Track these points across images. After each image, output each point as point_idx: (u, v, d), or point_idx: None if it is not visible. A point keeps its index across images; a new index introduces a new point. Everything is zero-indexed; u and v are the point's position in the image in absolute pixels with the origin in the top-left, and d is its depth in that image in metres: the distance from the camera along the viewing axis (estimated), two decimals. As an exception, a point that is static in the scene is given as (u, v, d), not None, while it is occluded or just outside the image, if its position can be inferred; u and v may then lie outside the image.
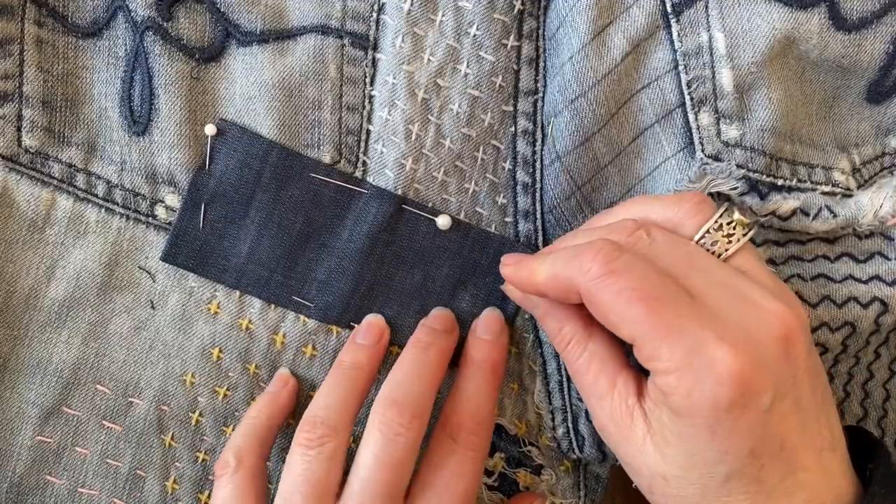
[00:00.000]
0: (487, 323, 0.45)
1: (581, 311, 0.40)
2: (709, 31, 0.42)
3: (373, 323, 0.45)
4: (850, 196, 0.44)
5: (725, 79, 0.42)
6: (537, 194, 0.45)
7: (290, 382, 0.45)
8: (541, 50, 0.44)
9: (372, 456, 0.39)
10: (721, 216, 0.39)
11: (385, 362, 0.46)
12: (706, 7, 0.42)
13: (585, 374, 0.39)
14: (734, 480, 0.35)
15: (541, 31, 0.44)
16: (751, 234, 0.39)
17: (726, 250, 0.39)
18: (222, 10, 0.43)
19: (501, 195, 0.45)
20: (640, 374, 0.39)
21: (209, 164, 0.44)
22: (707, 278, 0.37)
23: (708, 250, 0.39)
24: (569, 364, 0.40)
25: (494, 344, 0.45)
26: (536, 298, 0.42)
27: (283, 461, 0.41)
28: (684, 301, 0.36)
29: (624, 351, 0.40)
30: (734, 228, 0.39)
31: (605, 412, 0.38)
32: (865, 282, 0.45)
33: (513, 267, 0.42)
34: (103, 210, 0.45)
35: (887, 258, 0.45)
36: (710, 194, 0.43)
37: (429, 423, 0.42)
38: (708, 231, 0.39)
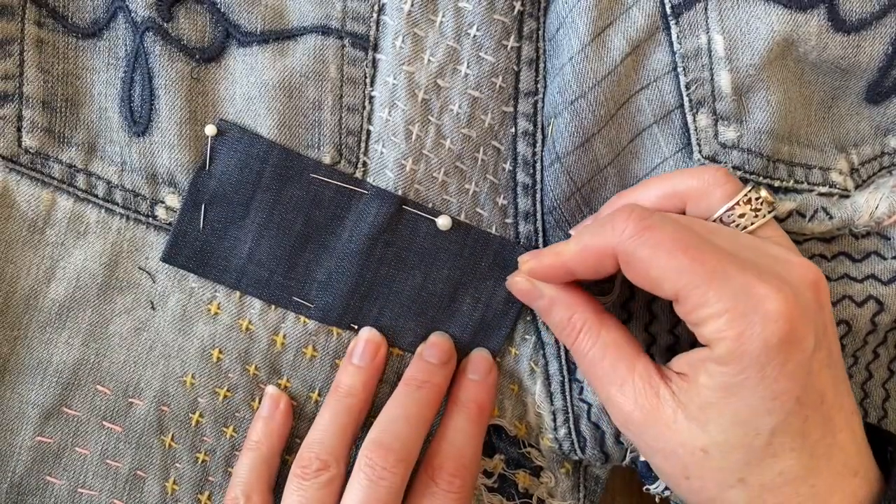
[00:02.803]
0: (475, 363, 0.46)
1: (590, 300, 0.41)
2: (708, 33, 0.42)
3: (368, 340, 0.45)
4: (848, 197, 0.44)
5: (724, 81, 0.42)
6: (537, 195, 0.45)
7: (283, 402, 0.45)
8: (541, 51, 0.44)
9: (357, 498, 0.41)
10: (750, 191, 0.40)
11: (386, 363, 0.46)
12: (705, 9, 0.42)
13: (601, 362, 0.40)
14: (780, 434, 0.36)
15: (541, 33, 0.44)
16: (775, 212, 0.41)
17: (752, 223, 0.40)
18: (222, 10, 0.43)
19: (502, 196, 0.45)
20: (655, 361, 0.40)
21: (209, 165, 0.44)
22: (732, 242, 0.38)
23: (734, 223, 0.40)
24: (580, 356, 0.41)
25: (481, 384, 0.45)
26: (543, 287, 0.42)
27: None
28: (723, 250, 0.36)
29: (636, 339, 0.41)
30: (761, 204, 0.40)
31: (629, 398, 0.38)
32: (861, 280, 0.45)
33: (533, 259, 0.42)
34: (103, 210, 0.45)
35: (883, 257, 0.45)
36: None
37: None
38: (738, 203, 0.40)
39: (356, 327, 0.46)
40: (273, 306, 0.45)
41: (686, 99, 0.43)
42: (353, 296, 0.45)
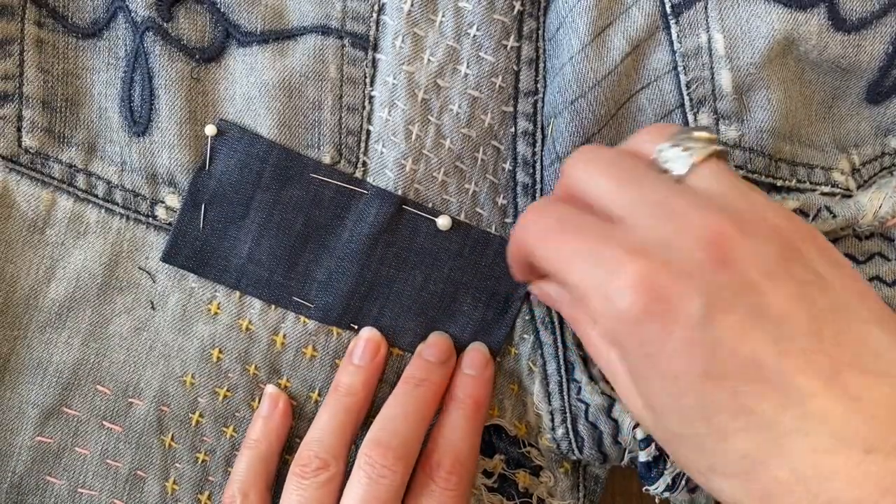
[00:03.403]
0: (472, 358, 0.46)
1: None
2: (708, 31, 0.42)
3: (368, 339, 0.45)
4: (850, 196, 0.44)
5: (724, 79, 0.42)
6: (537, 195, 0.45)
7: (282, 401, 0.45)
8: (540, 51, 0.44)
9: (356, 497, 0.41)
10: (678, 135, 0.36)
11: (386, 363, 0.46)
12: (705, 8, 0.42)
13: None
14: (714, 413, 0.31)
15: (540, 32, 0.44)
16: (712, 148, 0.35)
17: (684, 168, 0.35)
18: (222, 10, 0.43)
19: (502, 196, 0.45)
20: None
21: (209, 165, 0.44)
22: (637, 196, 0.34)
23: (663, 170, 0.36)
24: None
25: (477, 379, 0.45)
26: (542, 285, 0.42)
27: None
28: (598, 227, 0.34)
29: None
30: (694, 143, 0.35)
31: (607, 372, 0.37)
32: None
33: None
34: (103, 210, 0.45)
35: (887, 259, 0.45)
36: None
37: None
38: (661, 151, 0.36)
39: (356, 327, 0.46)
40: (273, 306, 0.45)
41: (687, 98, 0.43)
42: (353, 296, 0.45)
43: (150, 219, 0.45)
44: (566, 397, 0.46)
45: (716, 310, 0.31)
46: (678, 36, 0.43)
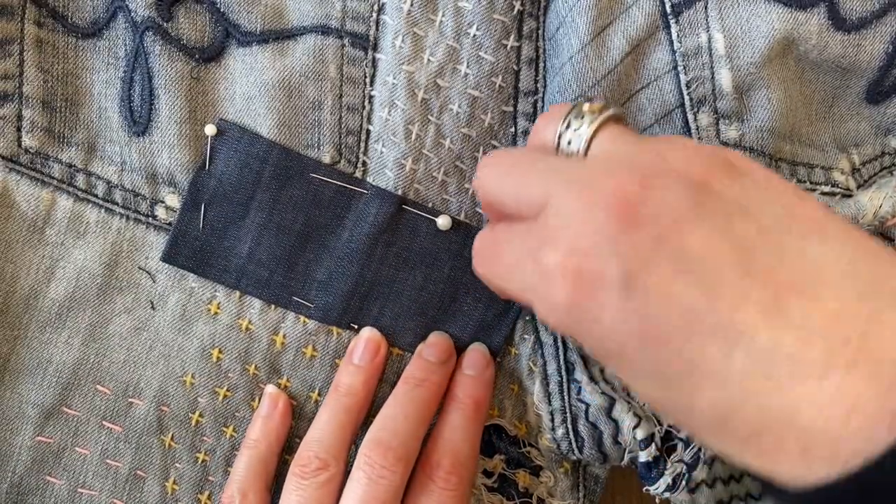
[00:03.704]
0: (472, 359, 0.46)
1: None
2: (708, 31, 0.42)
3: (368, 339, 0.45)
4: (850, 196, 0.44)
5: (724, 79, 0.42)
6: (537, 195, 0.45)
7: (281, 401, 0.45)
8: (540, 50, 0.44)
9: (356, 497, 0.41)
10: (569, 114, 0.36)
11: (386, 363, 0.46)
12: (705, 8, 0.42)
13: None
14: (670, 376, 0.30)
15: (540, 32, 0.44)
16: (604, 115, 0.35)
17: (579, 146, 0.36)
18: (222, 10, 0.43)
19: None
20: None
21: (209, 165, 0.44)
22: (544, 186, 0.34)
23: (566, 152, 0.36)
24: None
25: (478, 380, 0.45)
26: None
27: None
28: (520, 234, 0.35)
29: None
30: (586, 116, 0.36)
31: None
32: None
33: None
34: (103, 210, 0.45)
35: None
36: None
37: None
38: (560, 135, 0.36)
39: (356, 327, 0.46)
40: (273, 306, 0.45)
41: (687, 98, 0.43)
42: (353, 296, 0.45)
43: (150, 219, 0.45)
44: (566, 397, 0.46)
45: (635, 270, 0.30)
46: (678, 35, 0.43)
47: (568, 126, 0.36)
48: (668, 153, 0.33)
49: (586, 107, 0.36)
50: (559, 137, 0.36)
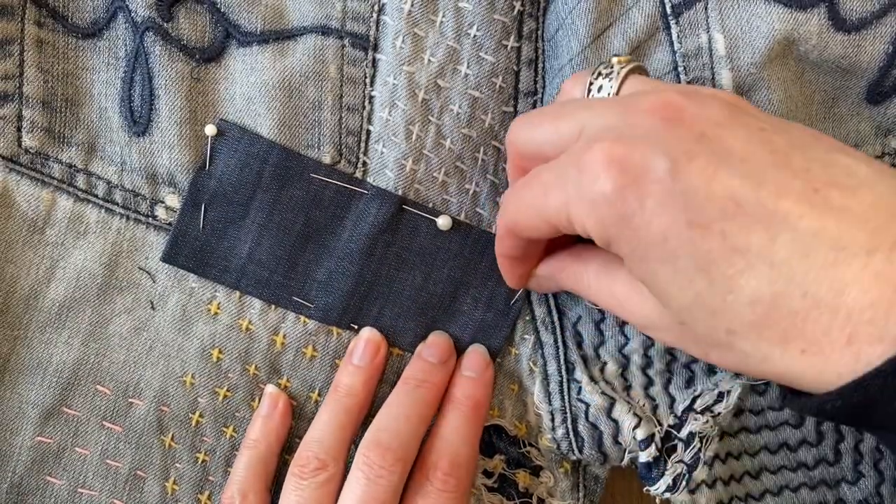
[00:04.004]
0: (471, 360, 0.46)
1: (569, 247, 0.41)
2: (708, 32, 0.42)
3: (368, 339, 0.45)
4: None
5: (725, 80, 0.42)
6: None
7: (281, 401, 0.45)
8: (539, 51, 0.44)
9: (354, 497, 0.41)
10: (598, 66, 0.38)
11: (386, 363, 0.46)
12: (705, 8, 0.42)
13: (608, 290, 0.39)
14: (711, 263, 0.31)
15: (540, 33, 0.44)
16: (633, 64, 0.37)
17: (611, 89, 0.37)
18: (222, 10, 0.43)
19: (502, 196, 0.45)
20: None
21: (209, 165, 0.44)
22: (581, 113, 0.35)
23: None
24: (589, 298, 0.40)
25: (477, 381, 0.45)
26: (538, 272, 0.43)
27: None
28: (557, 157, 0.35)
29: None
30: (615, 66, 0.37)
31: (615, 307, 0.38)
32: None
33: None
34: (103, 210, 0.45)
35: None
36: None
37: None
38: (591, 84, 0.38)
39: (356, 327, 0.46)
40: (273, 306, 0.45)
41: (687, 98, 0.43)
42: (353, 296, 0.45)
43: (150, 219, 0.45)
44: (566, 397, 0.46)
45: (680, 160, 0.31)
46: (678, 36, 0.43)
47: (598, 75, 0.37)
48: (697, 87, 0.35)
49: (615, 59, 0.37)
50: (590, 87, 0.37)
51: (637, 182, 0.31)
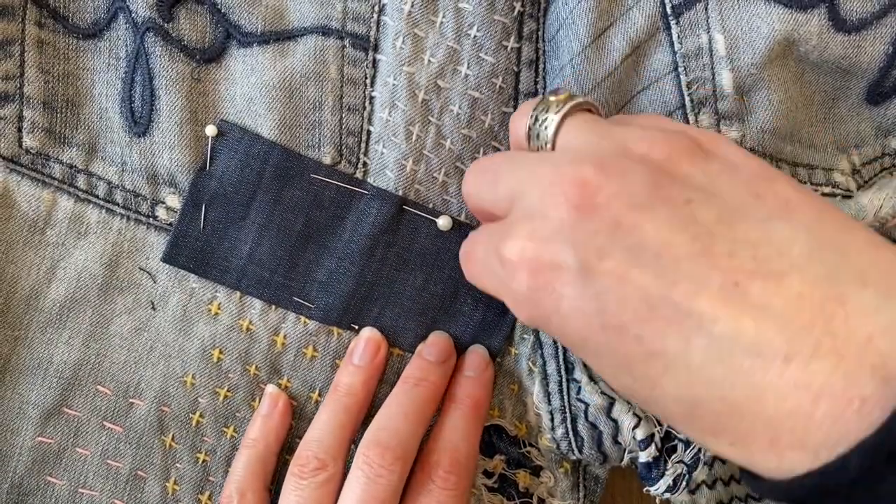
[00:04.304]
0: (471, 360, 0.46)
1: None
2: (708, 32, 0.42)
3: (368, 339, 0.45)
4: (850, 197, 0.44)
5: (725, 80, 0.42)
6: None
7: (281, 401, 0.45)
8: (540, 52, 0.44)
9: (354, 496, 0.41)
10: (536, 108, 0.37)
11: (386, 363, 0.46)
12: (706, 9, 0.42)
13: None
14: (631, 364, 0.30)
15: (540, 34, 0.44)
16: (568, 105, 0.36)
17: (546, 142, 0.36)
18: (223, 10, 0.43)
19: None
20: None
21: (210, 165, 0.44)
22: (512, 182, 0.35)
23: (537, 146, 0.37)
24: None
25: (477, 381, 0.45)
26: None
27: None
28: (490, 236, 0.36)
29: None
30: (551, 108, 0.36)
31: None
32: None
33: None
34: (104, 211, 0.45)
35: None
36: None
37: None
38: (529, 129, 0.37)
39: (357, 327, 0.46)
40: (273, 306, 0.45)
41: (687, 99, 0.43)
42: (353, 296, 0.45)
43: (151, 219, 0.45)
44: (566, 397, 0.46)
45: (591, 259, 0.30)
46: (679, 37, 0.43)
47: (535, 120, 0.37)
48: (631, 138, 0.33)
49: (552, 98, 0.36)
50: (528, 131, 0.37)
51: (549, 285, 0.31)
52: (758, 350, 0.28)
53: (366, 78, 0.44)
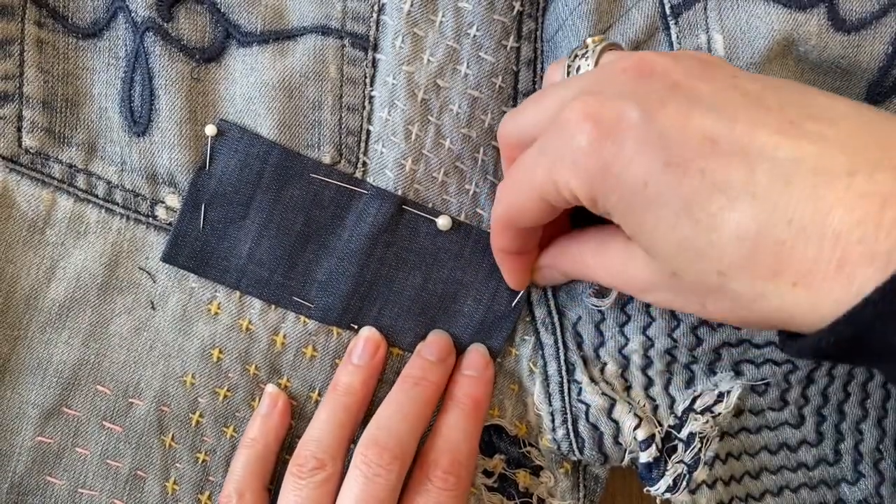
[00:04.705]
0: (471, 359, 0.46)
1: (565, 233, 0.42)
2: (707, 32, 0.42)
3: (368, 339, 0.45)
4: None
5: (724, 80, 0.43)
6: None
7: (281, 400, 0.45)
8: (538, 52, 0.44)
9: (352, 495, 0.41)
10: (574, 50, 0.39)
11: (386, 362, 0.46)
12: (705, 9, 0.42)
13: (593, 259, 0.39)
14: (693, 203, 0.31)
15: (539, 33, 0.44)
16: (606, 42, 0.38)
17: (588, 67, 0.38)
18: (222, 10, 0.43)
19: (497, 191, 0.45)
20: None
21: (209, 165, 0.44)
22: (559, 91, 0.37)
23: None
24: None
25: (477, 380, 0.45)
26: (540, 261, 0.43)
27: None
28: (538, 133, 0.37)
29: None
30: (589, 46, 0.39)
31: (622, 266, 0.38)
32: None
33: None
34: (103, 210, 0.45)
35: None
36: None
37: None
38: (569, 66, 0.39)
39: (356, 327, 0.46)
40: (273, 306, 0.45)
41: (687, 99, 0.43)
42: (353, 296, 0.45)
43: (151, 219, 0.45)
44: (567, 398, 0.46)
45: (652, 108, 0.32)
46: (678, 37, 0.43)
47: (576, 58, 0.38)
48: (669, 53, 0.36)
49: (589, 40, 0.38)
50: (568, 69, 0.38)
51: (612, 132, 0.32)
52: (822, 168, 0.29)
53: (365, 77, 0.44)
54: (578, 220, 0.43)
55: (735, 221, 0.30)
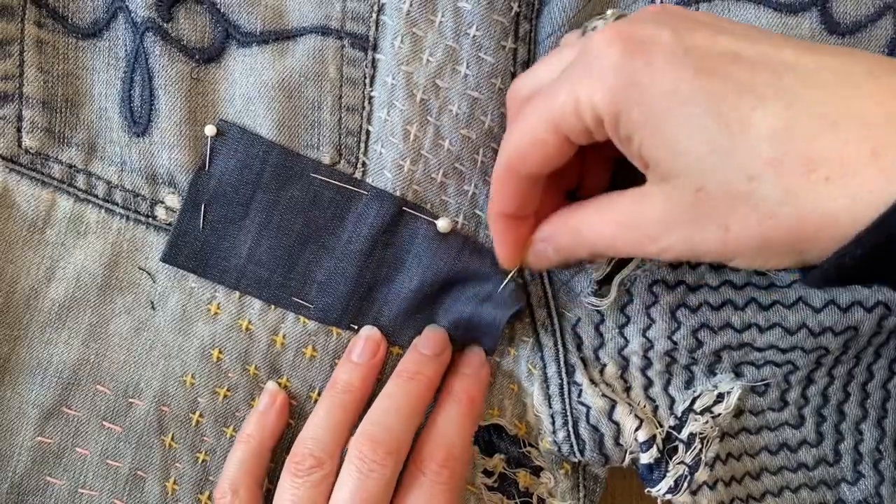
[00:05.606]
0: (468, 358, 0.46)
1: (561, 206, 0.41)
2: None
3: (368, 337, 0.45)
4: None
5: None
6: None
7: (279, 398, 0.45)
8: (532, 53, 0.45)
9: (347, 491, 0.41)
10: (592, 17, 0.41)
11: (386, 363, 0.46)
12: (697, 12, 0.43)
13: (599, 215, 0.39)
14: (722, 104, 0.32)
15: (533, 35, 0.44)
16: (620, 12, 0.40)
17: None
18: (222, 10, 0.44)
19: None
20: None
21: (209, 165, 0.44)
22: (580, 42, 0.38)
23: None
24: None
25: (473, 378, 0.45)
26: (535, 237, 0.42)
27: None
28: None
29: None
30: (605, 16, 0.40)
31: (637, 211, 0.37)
32: (870, 286, 0.45)
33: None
34: (103, 211, 0.45)
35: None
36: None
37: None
38: (585, 28, 0.40)
39: (356, 327, 0.46)
40: (273, 306, 0.45)
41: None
42: (352, 296, 0.45)
43: (150, 219, 0.45)
44: (567, 400, 0.46)
45: (682, 31, 0.33)
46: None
47: (593, 20, 0.40)
48: None
49: (609, 11, 0.40)
50: (584, 30, 0.39)
51: (642, 49, 0.33)
52: (845, 71, 0.31)
53: (365, 77, 0.44)
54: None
55: (765, 120, 0.31)
